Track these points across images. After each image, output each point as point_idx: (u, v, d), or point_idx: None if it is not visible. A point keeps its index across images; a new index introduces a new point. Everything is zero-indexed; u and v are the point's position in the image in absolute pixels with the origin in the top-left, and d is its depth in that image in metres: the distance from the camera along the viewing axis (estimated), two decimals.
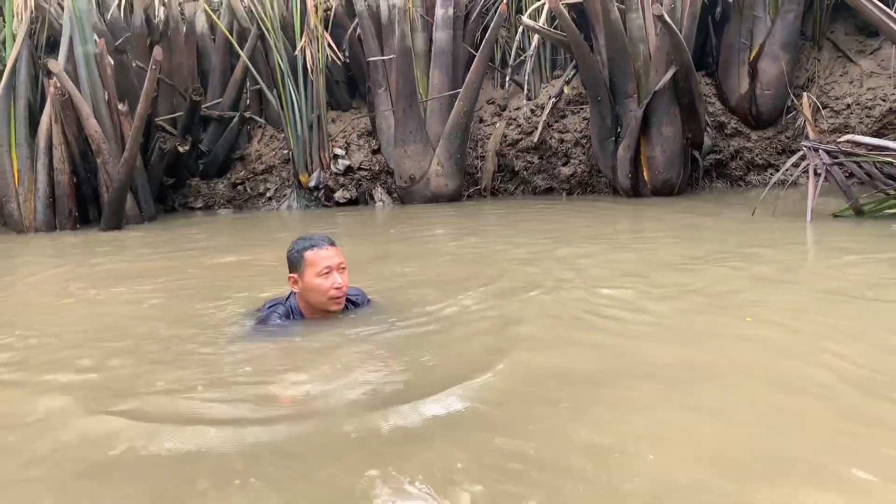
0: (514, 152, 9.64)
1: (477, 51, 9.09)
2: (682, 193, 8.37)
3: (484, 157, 9.79)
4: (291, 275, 3.06)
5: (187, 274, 5.15)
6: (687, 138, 8.26)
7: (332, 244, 3.05)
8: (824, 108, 8.71)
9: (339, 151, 9.95)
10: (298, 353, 2.84)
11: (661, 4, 7.69)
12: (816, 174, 5.93)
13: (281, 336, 2.98)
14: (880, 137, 8.00)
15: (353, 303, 3.25)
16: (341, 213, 9.16)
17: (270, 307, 3.27)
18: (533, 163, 9.57)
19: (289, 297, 3.18)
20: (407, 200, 9.42)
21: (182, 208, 10.39)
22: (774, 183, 7.21)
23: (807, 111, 7.09)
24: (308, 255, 2.98)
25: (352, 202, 9.75)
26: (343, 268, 3.02)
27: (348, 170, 9.89)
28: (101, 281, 5.03)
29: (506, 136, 9.70)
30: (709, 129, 8.91)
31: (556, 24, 8.33)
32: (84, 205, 8.99)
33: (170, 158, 9.88)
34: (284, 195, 10.16)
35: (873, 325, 2.88)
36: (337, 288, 2.98)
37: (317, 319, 3.09)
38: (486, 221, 7.68)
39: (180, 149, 9.80)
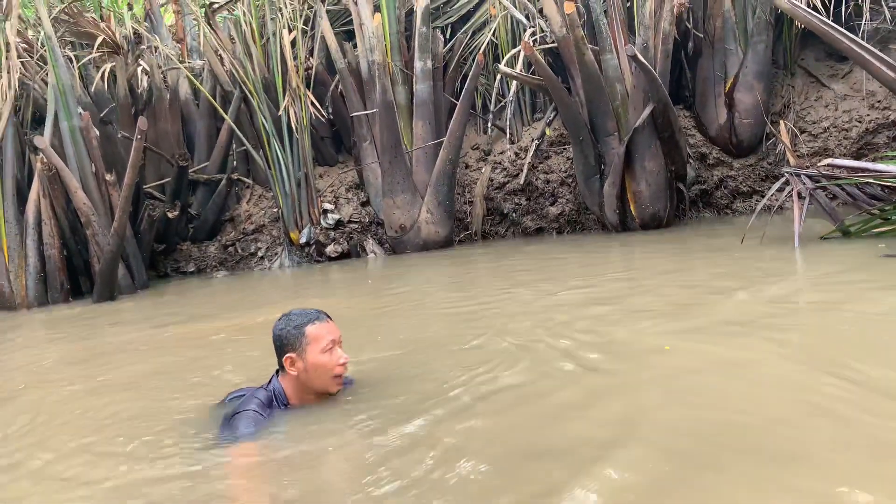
0: (501, 195, 9.73)
1: (458, 99, 9.25)
2: (670, 225, 8.44)
3: (472, 201, 9.87)
4: (289, 355, 2.67)
5: (172, 348, 5.10)
6: (671, 171, 8.36)
7: (329, 318, 2.76)
8: (802, 132, 8.86)
9: (328, 206, 10.00)
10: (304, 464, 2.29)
11: (634, 45, 7.87)
12: (801, 199, 6.00)
13: (272, 434, 2.48)
14: (859, 159, 8.16)
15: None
16: (333, 267, 9.16)
17: (236, 396, 2.88)
18: (521, 204, 9.65)
19: (270, 382, 2.78)
20: (399, 250, 9.45)
21: (174, 273, 10.37)
22: (761, 209, 7.29)
23: (785, 138, 7.22)
24: (310, 330, 2.65)
25: (343, 255, 9.76)
26: (340, 343, 2.74)
27: (338, 224, 9.94)
28: (66, 363, 4.98)
29: (492, 180, 9.80)
30: (691, 161, 9.02)
31: (532, 69, 8.50)
32: (76, 277, 8.98)
33: (159, 225, 9.90)
34: (276, 253, 10.17)
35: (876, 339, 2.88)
36: (342, 364, 2.69)
37: (307, 406, 2.70)
38: (478, 270, 7.68)
39: (170, 214, 9.84)
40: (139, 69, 10.53)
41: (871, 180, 5.74)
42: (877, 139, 8.62)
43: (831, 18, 7.69)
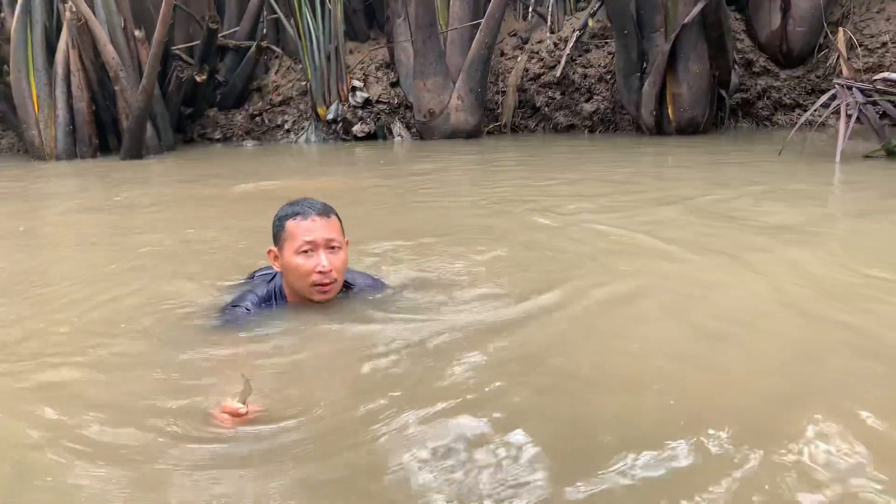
0: (535, 87, 9.47)
1: None
2: (706, 132, 8.23)
3: (505, 91, 9.62)
4: (272, 248, 2.35)
5: (199, 209, 5.14)
6: (714, 75, 8.06)
7: (325, 214, 2.29)
8: (858, 45, 8.44)
9: (357, 83, 9.81)
10: (257, 357, 2.07)
11: None
12: (848, 114, 5.79)
13: (245, 330, 2.24)
14: None
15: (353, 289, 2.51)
16: (359, 147, 9.10)
17: (251, 278, 2.72)
18: (555, 98, 9.40)
19: (276, 275, 2.47)
20: (426, 135, 9.33)
21: (201, 139, 10.37)
22: (803, 123, 7.06)
23: (842, 47, 6.86)
24: (289, 225, 2.26)
25: (370, 136, 9.66)
26: (334, 246, 2.26)
27: (366, 103, 9.77)
28: (101, 215, 5.05)
29: (527, 70, 9.51)
30: (736, 67, 8.68)
31: None
32: (104, 133, 8.99)
33: (187, 88, 9.78)
34: (302, 127, 10.08)
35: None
36: (321, 272, 2.23)
37: (302, 306, 2.36)
38: (506, 163, 7.59)
39: (198, 78, 9.70)
40: None
41: None
42: None
43: None
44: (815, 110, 6.88)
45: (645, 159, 6.83)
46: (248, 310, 2.33)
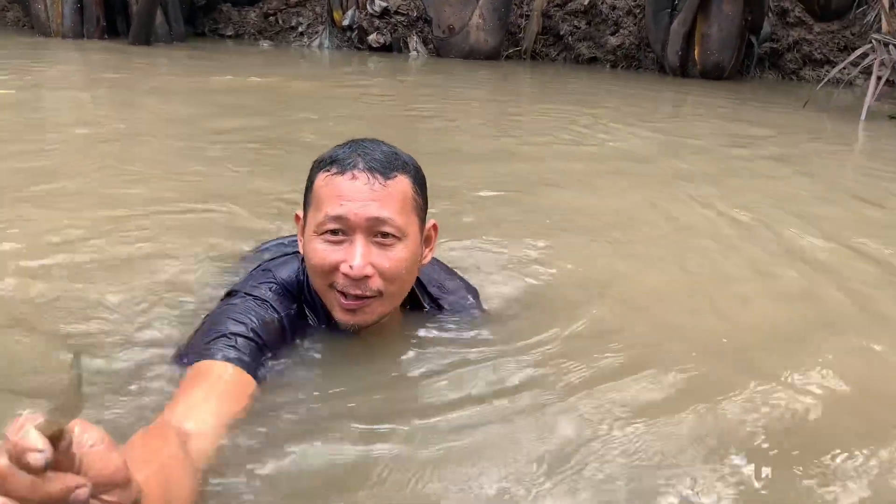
0: (561, 14, 9.14)
1: None
2: (730, 79, 8.00)
3: (528, 15, 9.29)
4: (298, 213, 1.42)
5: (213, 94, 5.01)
6: (746, 20, 7.77)
7: (382, 172, 1.29)
8: None
9: None
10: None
11: None
12: (879, 75, 5.61)
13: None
14: None
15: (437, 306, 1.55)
16: (373, 57, 8.84)
17: (274, 246, 1.79)
18: (580, 28, 9.09)
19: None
20: (443, 53, 9.05)
21: (212, 34, 10.05)
22: (830, 80, 6.87)
23: (885, 1, 6.58)
24: (318, 180, 1.33)
25: (385, 48, 9.37)
26: (386, 233, 1.28)
27: (384, 12, 9.44)
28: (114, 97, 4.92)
29: None
30: (770, 14, 8.37)
31: None
32: (112, 15, 8.69)
33: None
34: (316, 32, 9.76)
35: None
36: (347, 274, 1.27)
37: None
38: (523, 91, 7.39)
39: None
40: None
41: None
42: None
43: None
44: (844, 66, 6.68)
45: (664, 100, 6.66)
46: (256, 341, 1.25)
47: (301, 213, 1.39)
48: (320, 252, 1.29)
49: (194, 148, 3.30)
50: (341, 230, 1.27)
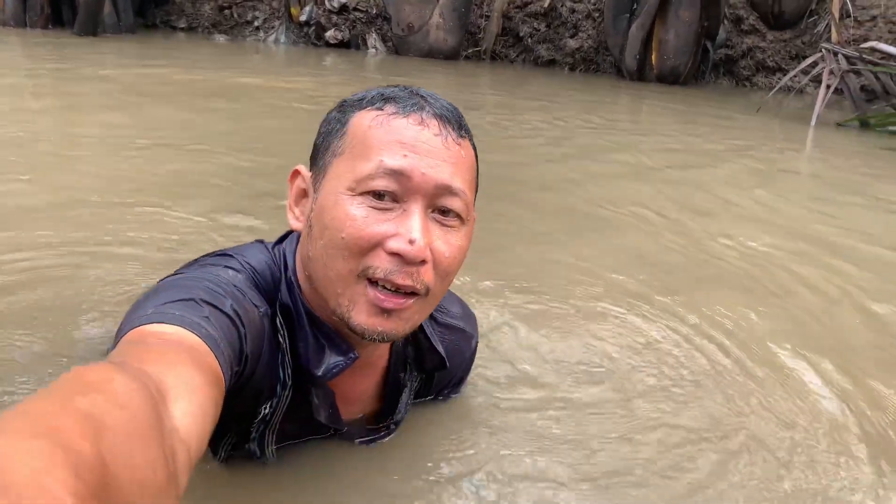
0: (521, 16, 9.14)
1: None
2: (686, 84, 8.09)
3: (489, 16, 9.26)
4: (299, 168, 1.00)
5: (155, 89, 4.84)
6: (703, 26, 7.87)
7: (453, 125, 0.93)
8: (847, 16, 8.33)
9: None
10: None
11: None
12: (828, 83, 5.71)
13: None
14: None
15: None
16: (330, 54, 8.69)
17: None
18: (539, 30, 9.10)
19: (283, 238, 1.08)
20: (402, 51, 8.96)
21: (163, 26, 9.77)
22: (781, 88, 6.99)
23: (835, 11, 6.73)
24: (359, 119, 0.93)
25: (343, 44, 9.24)
26: (450, 210, 0.93)
27: (343, 8, 9.30)
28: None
29: None
30: (725, 22, 8.50)
31: None
32: (58, 3, 8.36)
33: None
34: (273, 27, 9.58)
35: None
36: (399, 252, 0.88)
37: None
38: (482, 89, 7.35)
39: None
40: None
41: None
42: None
43: None
44: (795, 74, 6.81)
45: (621, 102, 6.69)
46: (234, 319, 0.86)
47: (304, 169, 0.99)
48: (359, 220, 0.88)
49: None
50: (391, 194, 0.88)
